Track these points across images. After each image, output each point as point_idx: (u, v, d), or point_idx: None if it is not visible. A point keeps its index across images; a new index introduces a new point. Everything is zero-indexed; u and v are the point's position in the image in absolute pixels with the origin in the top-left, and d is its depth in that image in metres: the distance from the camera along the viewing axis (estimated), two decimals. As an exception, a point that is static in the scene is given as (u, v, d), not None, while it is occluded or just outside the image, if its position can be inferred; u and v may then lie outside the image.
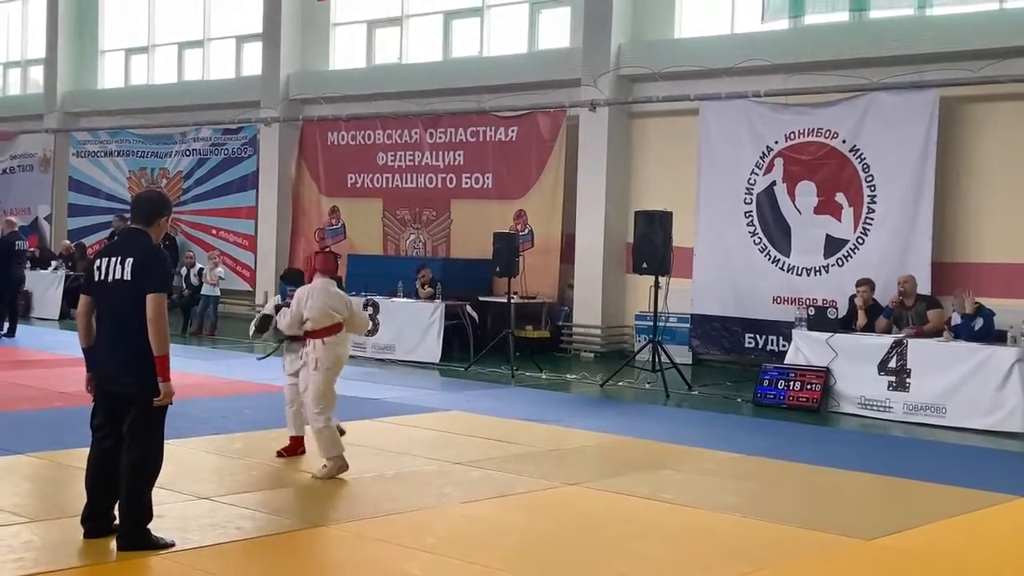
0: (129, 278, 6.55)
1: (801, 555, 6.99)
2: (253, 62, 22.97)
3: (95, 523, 6.69)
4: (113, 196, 24.97)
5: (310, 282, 9.05)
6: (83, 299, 6.80)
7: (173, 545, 6.63)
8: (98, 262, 6.71)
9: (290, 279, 10.25)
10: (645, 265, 14.71)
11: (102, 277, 6.64)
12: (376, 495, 8.23)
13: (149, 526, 6.63)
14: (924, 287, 13.98)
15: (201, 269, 19.88)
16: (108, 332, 6.64)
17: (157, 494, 6.88)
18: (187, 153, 23.75)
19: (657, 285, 14.64)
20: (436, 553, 6.77)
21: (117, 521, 6.65)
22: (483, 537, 7.22)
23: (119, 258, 6.62)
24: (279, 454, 9.24)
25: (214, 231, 23.14)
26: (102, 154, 25.34)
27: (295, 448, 9.27)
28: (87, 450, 6.79)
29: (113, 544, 6.57)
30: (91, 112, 25.81)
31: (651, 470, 9.46)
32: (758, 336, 16.13)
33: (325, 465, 8.57)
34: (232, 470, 8.96)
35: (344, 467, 8.59)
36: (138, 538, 6.54)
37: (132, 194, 24.57)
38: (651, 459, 10.03)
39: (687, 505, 8.16)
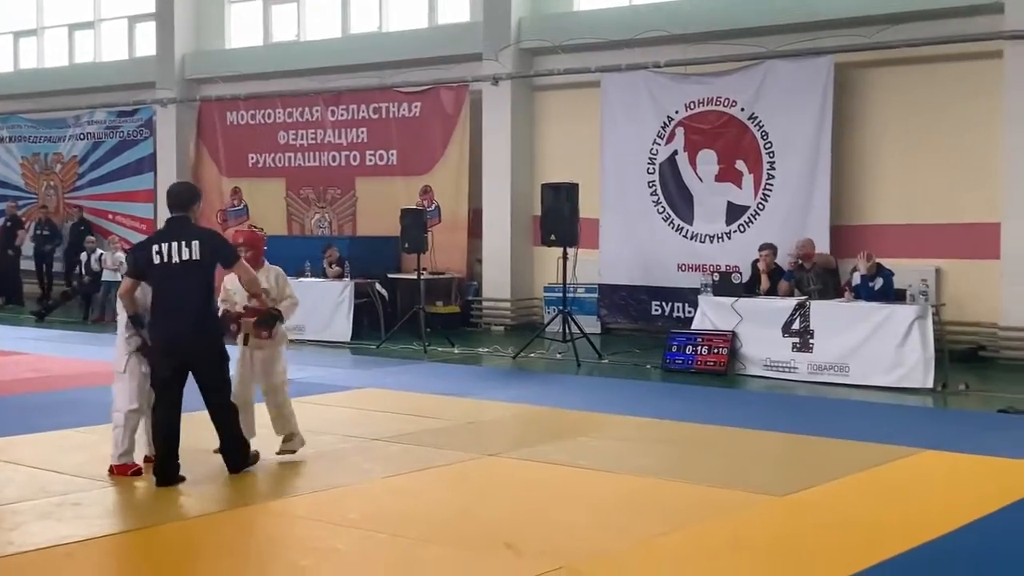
0: (198, 258, 7.65)
1: (717, 513, 7.14)
2: (147, 42, 22.53)
3: (168, 473, 7.69)
4: (6, 183, 24.38)
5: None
6: (129, 281, 7.92)
7: (258, 456, 8.18)
8: (156, 247, 7.71)
9: None
10: (553, 237, 14.83)
11: (165, 260, 7.64)
12: (298, 474, 8.22)
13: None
14: (823, 250, 14.28)
15: (102, 255, 19.49)
16: (175, 306, 7.72)
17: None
18: (81, 137, 23.25)
19: (565, 257, 14.77)
20: (361, 528, 6.79)
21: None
22: (407, 511, 7.25)
23: (183, 241, 7.66)
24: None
25: (110, 215, 22.70)
26: (-7, 140, 24.71)
27: None
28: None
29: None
30: (-20, 97, 25.10)
31: (567, 438, 9.58)
32: (664, 304, 16.38)
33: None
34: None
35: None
36: (246, 458, 8.03)
37: (25, 180, 24.14)
38: (566, 427, 10.16)
39: (604, 470, 8.28)
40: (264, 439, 8.56)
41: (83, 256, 19.96)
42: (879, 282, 12.73)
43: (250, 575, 6.04)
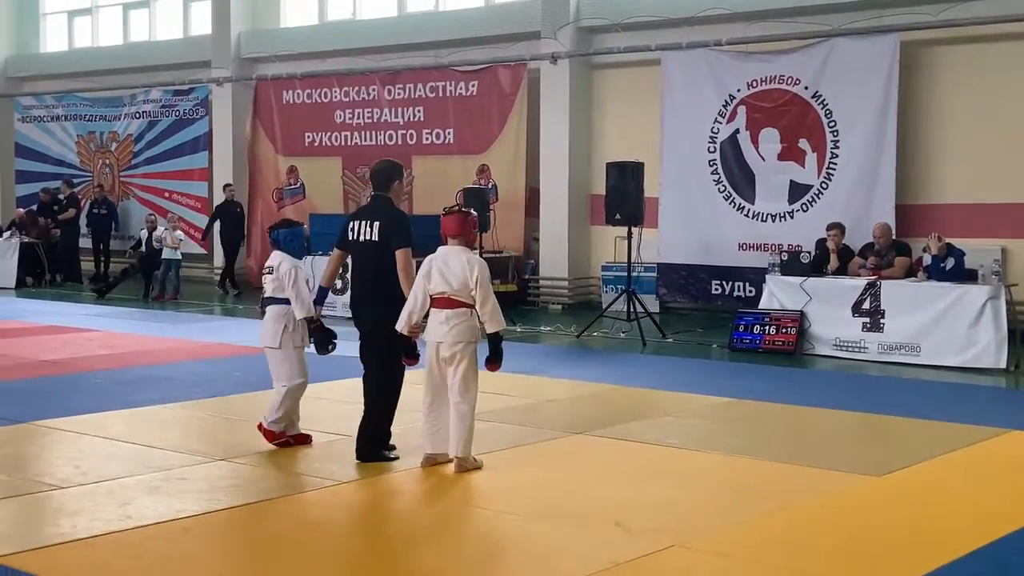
0: (376, 239, 7.71)
1: (819, 493, 7.15)
2: (202, 21, 22.64)
3: (366, 449, 7.82)
4: (62, 161, 24.62)
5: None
6: (336, 252, 8.03)
7: (398, 459, 7.74)
8: (352, 224, 7.91)
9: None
10: (618, 216, 14.85)
11: (355, 237, 7.83)
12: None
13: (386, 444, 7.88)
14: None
15: (162, 232, 19.68)
16: (360, 283, 7.92)
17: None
18: (137, 115, 23.43)
19: (630, 235, 14.79)
20: (467, 504, 6.88)
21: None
22: (508, 487, 7.29)
23: (368, 221, 7.79)
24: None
25: (167, 194, 22.89)
26: (48, 119, 24.93)
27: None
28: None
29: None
30: (35, 76, 25.33)
31: (651, 417, 9.61)
32: (724, 283, 16.38)
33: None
34: (242, 432, 8.78)
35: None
36: (375, 452, 7.76)
37: (80, 158, 24.33)
38: (646, 406, 10.20)
39: (696, 449, 8.31)
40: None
41: (143, 234, 20.16)
42: (951, 262, 12.68)
43: (367, 549, 6.12)
